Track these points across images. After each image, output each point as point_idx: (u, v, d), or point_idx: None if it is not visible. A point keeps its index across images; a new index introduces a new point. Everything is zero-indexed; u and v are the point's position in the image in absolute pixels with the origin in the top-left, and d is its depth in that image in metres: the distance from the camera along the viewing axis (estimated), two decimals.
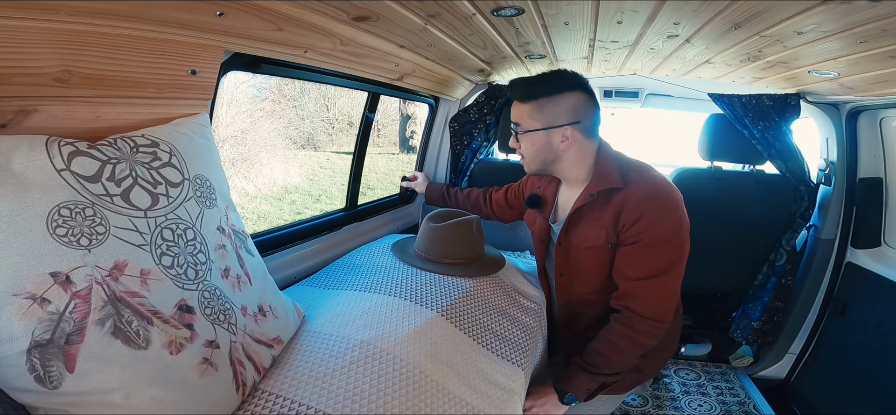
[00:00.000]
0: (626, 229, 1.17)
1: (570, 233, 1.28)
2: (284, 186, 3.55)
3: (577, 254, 1.29)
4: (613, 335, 1.19)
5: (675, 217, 1.16)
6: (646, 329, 1.17)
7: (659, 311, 1.17)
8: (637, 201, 1.16)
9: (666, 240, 1.15)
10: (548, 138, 1.23)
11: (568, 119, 1.20)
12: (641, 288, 1.17)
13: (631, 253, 1.18)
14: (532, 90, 1.22)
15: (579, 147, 1.23)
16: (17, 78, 0.64)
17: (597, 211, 1.23)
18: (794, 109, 1.91)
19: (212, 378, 0.71)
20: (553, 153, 1.24)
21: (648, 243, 1.15)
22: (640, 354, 1.20)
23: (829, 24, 1.05)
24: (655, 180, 1.20)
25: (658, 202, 1.16)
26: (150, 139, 0.76)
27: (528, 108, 1.23)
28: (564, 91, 1.20)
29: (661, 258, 1.15)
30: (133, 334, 0.62)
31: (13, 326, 0.54)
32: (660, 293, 1.17)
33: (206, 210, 0.80)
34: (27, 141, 0.61)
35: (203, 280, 0.74)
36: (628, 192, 1.18)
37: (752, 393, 2.02)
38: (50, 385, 0.57)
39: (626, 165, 1.24)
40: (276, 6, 0.95)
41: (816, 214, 2.05)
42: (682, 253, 1.17)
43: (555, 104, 1.20)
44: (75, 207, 0.60)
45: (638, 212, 1.15)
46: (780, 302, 2.05)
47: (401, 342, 0.97)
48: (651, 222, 1.14)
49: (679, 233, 1.16)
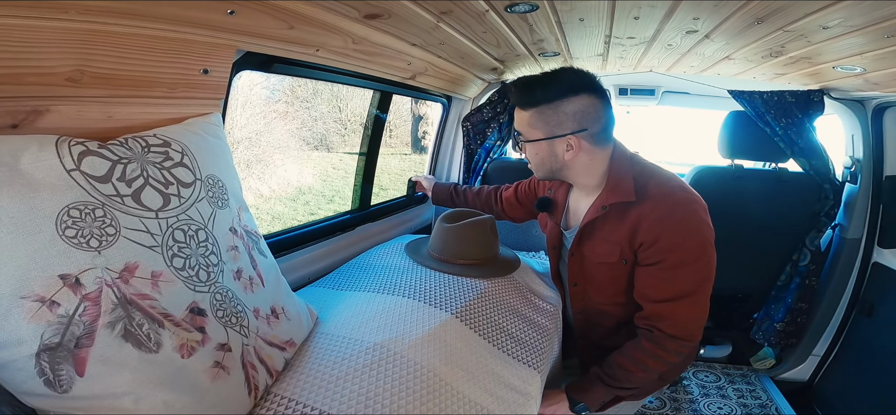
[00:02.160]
0: (644, 249, 1.09)
1: (583, 245, 1.21)
2: (298, 186, 3.58)
3: (591, 267, 1.22)
4: (641, 352, 1.12)
5: (699, 235, 1.07)
6: (675, 348, 1.09)
7: (689, 330, 1.09)
8: (655, 220, 1.07)
9: (691, 260, 1.06)
10: (551, 148, 1.14)
11: (572, 127, 1.10)
12: (669, 309, 1.08)
13: (654, 274, 1.09)
14: (531, 95, 1.12)
15: (587, 156, 1.14)
16: (29, 77, 0.64)
17: (610, 225, 1.14)
18: (817, 105, 1.85)
19: (223, 382, 0.70)
20: (559, 162, 1.15)
21: (672, 265, 1.06)
22: (663, 370, 1.14)
23: (856, 18, 1.02)
24: (675, 194, 1.10)
25: (679, 220, 1.06)
26: (161, 139, 0.75)
27: (528, 115, 1.14)
28: (567, 96, 1.09)
29: (687, 279, 1.07)
30: (144, 337, 0.61)
31: (22, 329, 0.53)
32: (689, 313, 1.08)
33: (218, 211, 0.79)
34: (37, 141, 0.60)
35: (215, 282, 0.73)
36: (645, 207, 1.09)
37: (775, 396, 1.97)
38: (59, 389, 0.56)
39: (642, 174, 1.14)
40: (288, 4, 0.94)
41: (842, 212, 1.99)
42: (709, 271, 1.08)
43: (556, 111, 1.10)
44: (85, 208, 0.60)
45: (657, 231, 1.06)
46: (803, 303, 2.00)
47: (415, 345, 0.95)
48: (673, 243, 1.06)
49: (705, 251, 1.07)
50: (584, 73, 1.11)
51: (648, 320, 1.11)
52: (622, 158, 1.16)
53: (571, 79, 1.10)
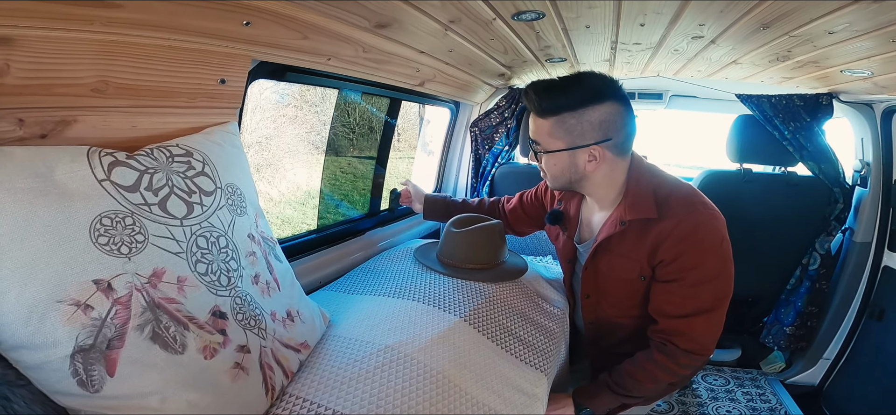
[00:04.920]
0: (664, 266, 1.06)
1: (598, 260, 1.17)
2: (307, 190, 3.61)
3: (606, 282, 1.19)
4: (652, 364, 1.09)
5: (721, 252, 1.03)
6: (688, 362, 1.07)
7: (703, 345, 1.07)
8: (678, 238, 1.02)
9: (712, 277, 1.03)
10: (572, 159, 1.07)
11: (596, 137, 1.04)
12: (686, 325, 1.06)
13: (673, 290, 1.06)
14: (551, 102, 1.04)
15: (609, 167, 1.08)
16: (58, 88, 0.67)
17: (629, 242, 1.10)
18: (826, 109, 1.85)
19: (243, 382, 0.73)
20: (579, 174, 1.09)
21: (693, 282, 1.03)
22: (673, 381, 1.12)
23: (862, 23, 1.02)
24: (697, 211, 1.05)
25: (702, 238, 1.02)
26: (184, 149, 0.78)
27: (549, 124, 1.06)
28: (592, 103, 1.02)
29: (707, 296, 1.04)
30: (170, 340, 0.64)
31: (58, 331, 0.56)
32: (706, 328, 1.06)
33: (237, 218, 0.82)
34: (69, 152, 0.63)
35: (235, 286, 0.76)
36: (667, 224, 1.04)
37: (784, 399, 1.96)
38: (91, 389, 0.59)
39: (661, 188, 1.08)
40: (301, 15, 0.97)
41: (852, 216, 1.98)
42: (728, 287, 1.06)
43: (580, 120, 1.03)
44: (116, 217, 0.63)
45: (679, 249, 1.02)
46: (814, 307, 1.99)
47: (425, 347, 0.97)
48: (695, 261, 1.02)
49: (726, 267, 1.04)
50: (609, 79, 1.04)
51: (663, 334, 1.09)
52: (640, 170, 1.12)
53: (596, 84, 1.03)
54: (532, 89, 1.06)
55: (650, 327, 1.13)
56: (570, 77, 1.04)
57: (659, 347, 1.10)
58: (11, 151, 0.58)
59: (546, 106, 1.05)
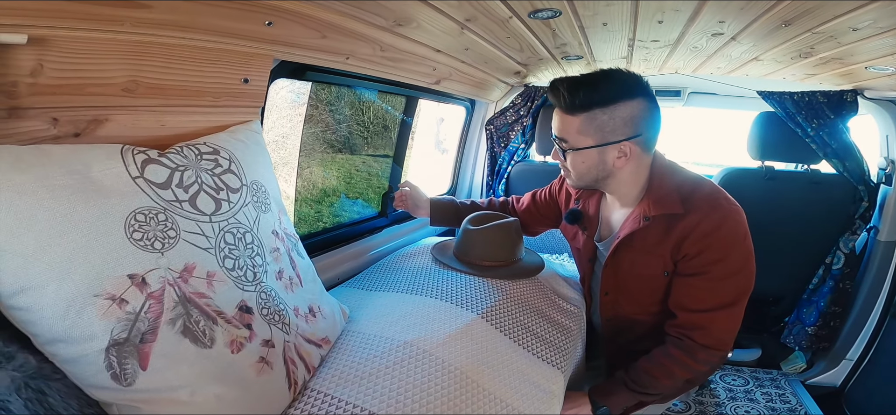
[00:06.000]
0: (687, 260, 1.06)
1: (620, 257, 1.17)
2: (323, 188, 3.65)
3: (627, 279, 1.18)
4: (669, 360, 1.09)
5: (744, 246, 1.04)
6: (706, 358, 1.07)
7: (722, 340, 1.07)
8: (704, 232, 1.03)
9: (735, 271, 1.04)
10: (602, 156, 1.06)
11: (627, 133, 1.03)
12: (707, 319, 1.05)
13: (695, 285, 1.06)
14: (585, 98, 1.02)
15: (636, 164, 1.09)
16: (90, 87, 0.69)
17: (653, 238, 1.10)
18: (850, 106, 1.81)
19: (267, 376, 0.74)
20: (606, 171, 1.09)
21: (716, 277, 1.04)
22: (690, 378, 1.11)
23: (886, 19, 1.01)
24: (721, 206, 1.05)
25: (726, 233, 1.02)
26: (211, 147, 0.80)
27: (578, 121, 1.04)
28: (623, 98, 1.02)
29: (729, 291, 1.04)
30: (200, 334, 0.65)
31: (94, 325, 0.58)
32: (726, 324, 1.06)
33: (262, 214, 0.83)
34: (104, 150, 0.65)
35: (260, 282, 0.77)
36: (691, 219, 1.04)
37: (805, 400, 1.93)
38: (125, 382, 0.60)
39: (684, 184, 1.09)
40: (320, 14, 0.99)
41: (877, 214, 1.93)
42: (750, 282, 1.06)
43: (611, 116, 1.02)
44: (149, 213, 0.65)
45: (703, 244, 1.03)
46: (837, 307, 1.95)
47: (442, 343, 0.98)
48: (719, 256, 1.03)
49: (748, 263, 1.05)
50: (637, 76, 1.03)
51: (682, 328, 1.09)
52: (663, 167, 1.12)
53: (626, 80, 1.02)
54: (562, 85, 1.04)
55: (668, 323, 1.13)
56: (598, 73, 1.03)
57: (676, 342, 1.09)
58: (49, 148, 0.60)
59: (578, 102, 1.03)
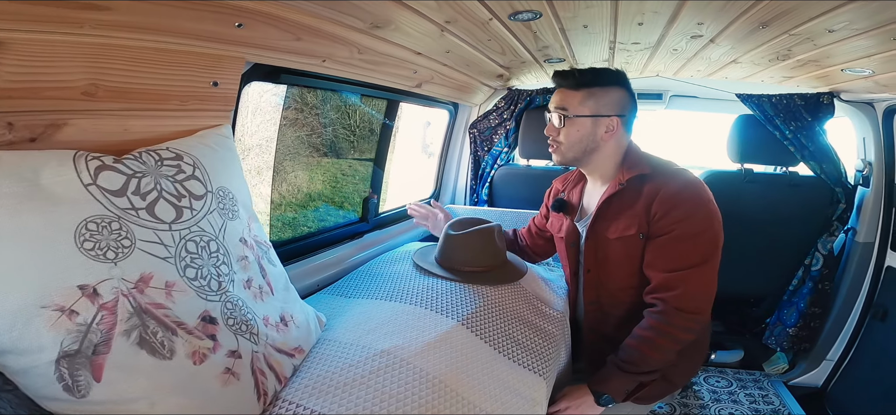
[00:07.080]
0: (657, 220, 1.18)
1: (599, 224, 1.29)
2: (308, 192, 3.60)
3: (606, 246, 1.29)
4: (649, 331, 1.16)
5: (707, 209, 1.17)
6: (682, 323, 1.14)
7: (696, 303, 1.15)
8: (669, 193, 1.17)
9: (699, 232, 1.15)
10: (594, 127, 1.25)
11: (616, 111, 1.25)
12: (677, 280, 1.14)
13: (663, 244, 1.17)
14: (585, 78, 1.25)
15: (617, 141, 1.27)
16: (47, 92, 0.66)
17: (628, 200, 1.24)
18: (827, 108, 1.84)
19: (234, 387, 0.72)
20: (595, 143, 1.27)
21: (680, 236, 1.15)
22: (677, 349, 1.16)
23: (861, 21, 1.02)
24: (686, 174, 1.22)
25: (690, 195, 1.17)
26: (174, 152, 0.78)
27: (580, 95, 1.25)
28: (615, 84, 1.25)
29: (696, 250, 1.15)
30: (158, 345, 0.63)
31: (42, 336, 0.55)
32: (696, 285, 1.15)
33: (228, 222, 0.81)
34: (56, 156, 0.62)
35: (226, 291, 0.75)
36: (659, 182, 1.20)
37: (787, 400, 1.95)
38: (78, 394, 0.58)
39: (654, 159, 1.27)
40: (294, 16, 0.96)
41: (854, 216, 1.96)
42: (715, 246, 1.17)
43: (605, 95, 1.24)
44: (102, 222, 0.62)
45: (670, 203, 1.16)
46: (817, 307, 1.98)
47: (421, 352, 0.96)
48: (683, 214, 1.15)
49: (712, 225, 1.16)
50: (624, 73, 1.28)
51: (656, 292, 1.18)
52: (638, 149, 1.31)
53: (616, 74, 1.27)
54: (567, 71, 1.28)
55: (645, 291, 1.21)
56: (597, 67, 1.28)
57: (652, 313, 1.17)
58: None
59: (580, 80, 1.25)
